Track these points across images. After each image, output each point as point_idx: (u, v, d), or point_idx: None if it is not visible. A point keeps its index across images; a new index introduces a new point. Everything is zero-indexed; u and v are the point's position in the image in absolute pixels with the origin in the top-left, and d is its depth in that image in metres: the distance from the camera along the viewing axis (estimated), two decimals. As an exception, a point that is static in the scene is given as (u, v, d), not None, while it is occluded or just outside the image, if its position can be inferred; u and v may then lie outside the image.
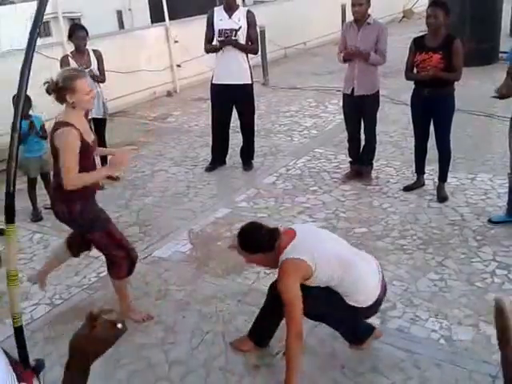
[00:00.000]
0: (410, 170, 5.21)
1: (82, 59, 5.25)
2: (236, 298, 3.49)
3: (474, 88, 7.22)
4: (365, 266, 2.75)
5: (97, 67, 5.32)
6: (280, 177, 5.43)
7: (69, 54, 5.33)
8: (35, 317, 3.47)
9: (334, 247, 2.74)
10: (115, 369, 2.95)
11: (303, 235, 2.71)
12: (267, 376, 2.84)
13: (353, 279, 2.64)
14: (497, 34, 9.35)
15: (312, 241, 2.71)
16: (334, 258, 2.64)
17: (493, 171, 5.16)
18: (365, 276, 2.71)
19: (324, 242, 2.75)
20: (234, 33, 5.26)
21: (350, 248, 2.89)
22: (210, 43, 5.43)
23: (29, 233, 4.60)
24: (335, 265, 2.62)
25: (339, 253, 2.70)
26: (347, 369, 2.85)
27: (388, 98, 7.38)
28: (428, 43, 4.46)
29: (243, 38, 5.31)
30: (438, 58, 4.35)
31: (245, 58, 5.40)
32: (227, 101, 5.50)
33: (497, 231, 4.12)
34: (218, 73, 5.46)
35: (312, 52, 11.33)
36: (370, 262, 2.82)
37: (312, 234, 2.83)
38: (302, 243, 2.65)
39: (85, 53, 5.29)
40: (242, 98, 5.49)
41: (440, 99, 4.48)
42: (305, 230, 2.85)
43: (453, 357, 2.89)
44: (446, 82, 4.43)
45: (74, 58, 5.22)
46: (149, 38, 8.69)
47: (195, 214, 4.76)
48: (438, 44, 4.39)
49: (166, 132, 7.11)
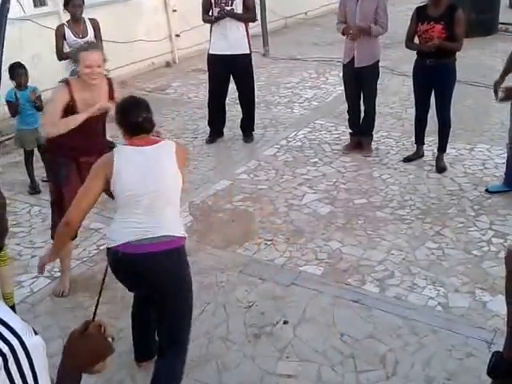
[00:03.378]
0: (409, 142, 5.21)
1: (78, 28, 5.15)
2: (237, 269, 3.54)
3: (474, 58, 7.16)
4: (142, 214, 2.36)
5: (93, 36, 5.22)
6: (281, 149, 5.43)
7: (64, 23, 5.22)
8: (35, 290, 3.49)
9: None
10: (116, 341, 2.97)
11: (139, 154, 2.38)
12: (267, 345, 2.90)
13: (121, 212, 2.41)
14: (496, 4, 9.32)
15: (136, 165, 2.37)
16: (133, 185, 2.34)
17: (491, 142, 5.17)
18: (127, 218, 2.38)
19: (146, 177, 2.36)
20: (230, 2, 5.19)
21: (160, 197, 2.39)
22: (208, 13, 5.37)
23: (27, 206, 4.61)
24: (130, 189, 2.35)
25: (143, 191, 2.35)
26: (346, 336, 2.92)
27: (388, 69, 7.32)
28: (430, 13, 4.41)
29: (240, 6, 5.24)
30: (439, 28, 4.33)
31: (243, 27, 5.33)
32: (224, 71, 5.43)
33: (494, 201, 4.16)
34: (215, 42, 5.39)
35: (313, 22, 11.17)
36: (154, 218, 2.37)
37: (149, 165, 2.38)
38: (126, 156, 2.38)
39: (81, 22, 5.17)
40: (239, 68, 5.43)
41: (442, 69, 4.46)
42: (151, 157, 2.39)
43: (449, 323, 2.95)
44: (448, 52, 4.41)
45: (70, 27, 5.13)
46: (147, 7, 8.55)
47: (196, 186, 4.78)
48: (440, 14, 4.35)
49: (165, 104, 7.07)
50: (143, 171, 2.36)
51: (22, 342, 1.01)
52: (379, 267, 3.47)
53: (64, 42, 5.12)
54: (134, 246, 2.31)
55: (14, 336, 1.01)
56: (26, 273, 3.68)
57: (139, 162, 2.37)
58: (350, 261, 3.56)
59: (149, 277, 2.37)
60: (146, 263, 2.32)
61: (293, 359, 2.79)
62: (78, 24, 5.17)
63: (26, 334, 1.04)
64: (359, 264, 3.52)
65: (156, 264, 2.33)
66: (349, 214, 4.12)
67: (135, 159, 2.38)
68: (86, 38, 5.10)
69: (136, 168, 2.36)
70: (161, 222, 2.36)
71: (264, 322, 3.07)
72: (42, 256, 2.71)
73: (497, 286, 3.21)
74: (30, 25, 6.59)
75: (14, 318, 1.07)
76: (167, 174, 2.40)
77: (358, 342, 2.87)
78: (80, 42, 5.10)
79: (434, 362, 2.72)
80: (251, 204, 4.38)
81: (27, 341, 1.02)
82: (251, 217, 4.19)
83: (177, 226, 2.42)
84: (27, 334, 1.04)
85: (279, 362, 2.78)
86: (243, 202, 4.43)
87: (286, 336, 2.95)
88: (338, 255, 3.63)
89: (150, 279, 2.38)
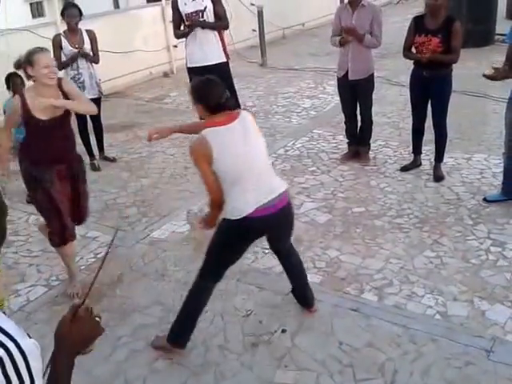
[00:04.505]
0: (407, 151, 5.23)
1: (75, 38, 5.17)
2: (235, 278, 3.52)
3: (471, 69, 7.19)
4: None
5: (90, 47, 5.24)
6: (278, 158, 5.44)
7: (61, 33, 5.24)
8: (31, 298, 3.47)
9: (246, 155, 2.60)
10: (114, 349, 2.98)
11: (232, 132, 2.57)
12: (265, 353, 2.88)
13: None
14: (493, 15, 9.38)
15: (232, 139, 2.57)
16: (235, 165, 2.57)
17: (488, 151, 5.19)
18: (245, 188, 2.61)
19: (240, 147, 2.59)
20: (200, 14, 5.19)
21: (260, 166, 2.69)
22: (179, 28, 5.36)
23: (25, 214, 4.60)
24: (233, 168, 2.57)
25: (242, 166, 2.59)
26: (345, 345, 2.90)
27: (386, 79, 7.37)
28: (428, 25, 4.43)
29: (211, 16, 5.24)
30: (436, 41, 4.35)
31: (217, 36, 5.32)
32: None
33: (491, 209, 4.17)
34: (192, 55, 5.36)
35: (310, 33, 11.26)
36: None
37: (239, 135, 2.61)
38: (222, 136, 2.55)
39: (77, 32, 5.20)
40: (219, 77, 5.40)
41: (438, 80, 4.48)
42: (238, 129, 2.60)
43: (448, 332, 2.94)
44: (445, 64, 4.43)
45: (66, 38, 5.15)
46: (145, 18, 8.61)
47: (193, 194, 4.77)
48: (438, 26, 4.37)
49: (163, 113, 7.09)
50: (242, 148, 2.58)
51: (17, 345, 1.00)
52: (378, 276, 3.46)
53: (61, 52, 5.14)
54: (264, 209, 2.61)
55: (8, 339, 1.00)
56: (22, 281, 3.66)
57: (235, 140, 2.57)
58: (349, 269, 3.55)
59: (283, 226, 2.82)
60: (280, 216, 2.70)
61: (291, 368, 2.77)
62: (74, 34, 5.19)
63: (21, 337, 1.03)
64: (358, 272, 3.51)
65: (288, 215, 2.78)
66: (347, 223, 4.12)
67: (230, 139, 2.57)
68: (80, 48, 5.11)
69: (235, 147, 2.57)
70: (273, 182, 2.72)
71: (262, 330, 3.05)
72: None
73: (495, 294, 3.21)
74: (29, 35, 6.62)
75: (7, 321, 1.05)
76: (257, 141, 2.68)
77: (356, 351, 2.86)
78: (76, 52, 5.13)
79: (432, 370, 2.70)
80: (249, 213, 4.37)
81: (23, 343, 1.01)
82: (249, 225, 4.18)
83: (281, 180, 2.83)
84: (22, 336, 1.03)
85: (277, 371, 2.76)
86: (241, 210, 4.42)
87: (284, 345, 2.93)
88: (337, 264, 3.62)
89: (281, 228, 2.83)
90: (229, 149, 2.56)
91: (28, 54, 3.14)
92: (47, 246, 4.05)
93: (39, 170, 3.23)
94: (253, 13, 9.25)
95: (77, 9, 5.19)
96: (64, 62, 5.12)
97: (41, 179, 3.23)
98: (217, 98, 2.60)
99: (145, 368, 2.84)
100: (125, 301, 3.40)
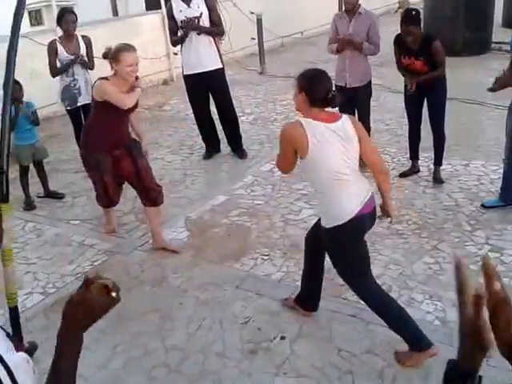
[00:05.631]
0: (405, 157, 5.23)
1: (71, 44, 5.15)
2: (233, 285, 3.51)
3: (467, 76, 7.23)
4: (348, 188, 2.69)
5: (85, 53, 5.21)
6: (276, 164, 5.43)
7: (57, 39, 5.20)
8: (28, 305, 3.45)
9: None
10: (111, 357, 2.94)
11: (331, 132, 2.58)
12: (264, 360, 2.87)
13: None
14: (489, 24, 9.44)
15: (327, 140, 2.59)
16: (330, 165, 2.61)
17: (486, 157, 5.19)
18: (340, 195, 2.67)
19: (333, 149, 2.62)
20: (195, 21, 5.21)
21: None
22: (176, 35, 5.37)
23: (21, 222, 4.58)
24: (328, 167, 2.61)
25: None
26: (344, 351, 2.89)
27: (384, 86, 7.38)
28: (409, 44, 4.52)
29: (207, 23, 5.26)
30: (420, 64, 4.48)
31: (212, 42, 5.33)
32: (202, 89, 5.41)
33: (490, 215, 4.17)
34: (187, 62, 5.37)
35: (309, 41, 11.29)
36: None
37: (332, 140, 2.62)
38: (320, 133, 2.56)
39: (73, 38, 5.17)
40: (215, 84, 5.40)
41: (432, 85, 4.55)
42: (332, 136, 2.60)
43: (447, 338, 2.92)
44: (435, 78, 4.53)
45: (62, 44, 5.13)
46: (144, 26, 8.64)
47: (192, 201, 4.77)
48: (418, 48, 4.47)
49: (163, 120, 7.10)
50: (341, 149, 2.58)
51: (2, 360, 0.97)
52: (377, 281, 3.44)
53: (56, 58, 5.13)
54: (365, 207, 2.66)
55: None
56: (19, 289, 3.62)
57: (337, 142, 2.57)
58: (347, 276, 3.53)
59: (372, 221, 2.82)
60: (374, 212, 2.77)
61: (290, 375, 2.76)
62: (70, 40, 5.17)
63: (6, 352, 0.99)
64: (356, 279, 3.49)
65: (375, 210, 2.79)
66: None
67: (332, 139, 2.57)
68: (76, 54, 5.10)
69: (337, 148, 2.57)
70: (363, 179, 2.79)
71: (261, 337, 3.03)
72: None
73: (494, 300, 3.19)
74: (28, 42, 6.64)
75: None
76: (355, 146, 2.64)
77: (355, 357, 2.84)
78: (71, 58, 5.12)
79: (432, 376, 2.68)
80: (248, 219, 4.37)
81: (8, 359, 0.98)
82: (248, 232, 4.18)
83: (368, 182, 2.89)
84: (6, 351, 1.00)
85: (276, 378, 2.74)
86: (240, 216, 4.42)
87: (283, 352, 2.91)
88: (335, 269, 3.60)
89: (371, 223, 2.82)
90: (331, 148, 2.56)
91: (116, 50, 3.49)
92: (44, 253, 4.07)
93: (97, 159, 3.72)
94: (252, 21, 9.28)
95: (73, 14, 5.17)
96: (60, 68, 5.11)
97: (96, 166, 3.77)
98: (324, 92, 2.59)
99: (142, 376, 2.82)
100: (122, 308, 3.38)
